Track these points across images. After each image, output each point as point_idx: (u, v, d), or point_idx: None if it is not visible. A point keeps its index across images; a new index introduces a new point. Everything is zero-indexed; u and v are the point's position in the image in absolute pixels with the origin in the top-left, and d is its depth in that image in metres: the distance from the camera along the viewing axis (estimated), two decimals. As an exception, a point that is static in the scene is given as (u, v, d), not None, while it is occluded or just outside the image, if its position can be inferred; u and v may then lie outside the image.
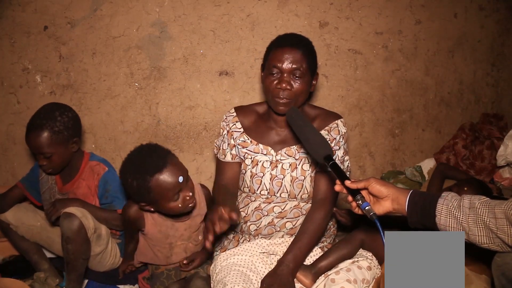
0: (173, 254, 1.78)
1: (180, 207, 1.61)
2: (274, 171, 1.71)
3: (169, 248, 1.77)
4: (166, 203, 1.59)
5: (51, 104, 1.90)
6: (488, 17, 2.84)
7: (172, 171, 1.55)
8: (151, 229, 1.73)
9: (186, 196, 1.60)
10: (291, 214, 1.70)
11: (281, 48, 1.63)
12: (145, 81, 2.41)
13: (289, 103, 1.63)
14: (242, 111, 1.81)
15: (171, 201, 1.58)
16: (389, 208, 1.27)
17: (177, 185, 1.56)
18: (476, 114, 2.92)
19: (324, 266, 1.58)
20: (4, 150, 2.40)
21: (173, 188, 1.56)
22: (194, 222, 1.76)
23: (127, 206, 1.72)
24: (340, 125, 1.73)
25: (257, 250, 1.67)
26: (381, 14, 2.60)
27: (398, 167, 2.80)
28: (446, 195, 1.24)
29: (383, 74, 2.68)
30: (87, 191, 1.89)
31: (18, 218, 1.91)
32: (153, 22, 2.35)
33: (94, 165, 1.91)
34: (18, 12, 2.26)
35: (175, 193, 1.58)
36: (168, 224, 1.73)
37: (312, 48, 1.70)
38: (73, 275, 1.75)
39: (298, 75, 1.61)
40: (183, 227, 1.74)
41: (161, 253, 1.78)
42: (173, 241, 1.76)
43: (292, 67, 1.60)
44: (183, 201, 1.60)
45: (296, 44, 1.64)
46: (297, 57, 1.61)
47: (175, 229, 1.74)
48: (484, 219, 1.15)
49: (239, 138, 1.76)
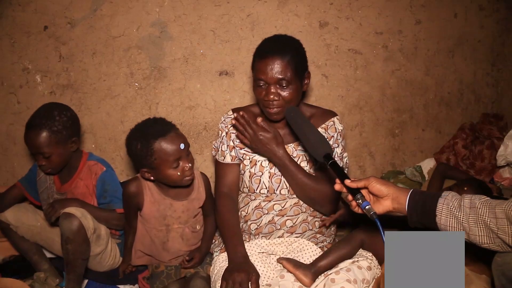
0: (170, 239, 1.79)
1: (178, 175, 1.67)
2: (272, 169, 1.72)
3: (165, 231, 1.79)
4: (166, 169, 1.66)
5: (50, 104, 1.89)
6: (488, 17, 2.84)
7: (175, 137, 1.67)
8: (149, 207, 1.76)
9: (186, 166, 1.68)
10: (291, 212, 1.70)
11: (264, 59, 1.60)
12: (145, 81, 2.41)
13: (281, 111, 1.64)
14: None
15: (171, 168, 1.66)
16: (389, 207, 1.26)
17: (178, 151, 1.65)
18: (476, 114, 2.92)
19: (323, 266, 1.57)
20: (4, 150, 2.40)
21: (174, 153, 1.64)
22: (192, 206, 1.80)
23: (127, 183, 1.79)
24: (337, 123, 1.75)
25: (256, 250, 1.67)
26: (381, 14, 2.60)
27: (398, 167, 2.80)
28: (447, 195, 1.23)
29: (383, 74, 2.68)
30: (85, 191, 1.89)
31: (18, 218, 1.90)
32: (153, 22, 2.35)
33: (92, 164, 1.91)
34: (18, 12, 2.26)
35: (176, 160, 1.65)
36: (166, 203, 1.76)
37: (298, 50, 1.67)
38: (72, 275, 1.75)
39: (285, 84, 1.60)
40: (180, 209, 1.78)
41: (158, 238, 1.79)
42: (170, 222, 1.78)
43: (277, 77, 1.58)
44: (182, 171, 1.67)
45: (278, 53, 1.59)
46: (281, 67, 1.58)
47: (173, 209, 1.77)
48: (485, 219, 1.15)
49: (237, 139, 1.77)
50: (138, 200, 1.77)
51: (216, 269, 1.65)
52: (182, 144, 1.66)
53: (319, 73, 2.57)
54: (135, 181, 1.78)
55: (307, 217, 1.72)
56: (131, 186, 1.77)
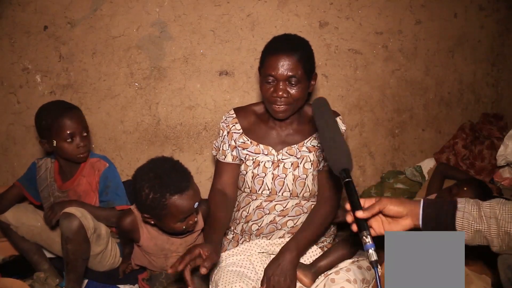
0: (169, 264, 1.76)
1: (183, 229, 1.60)
2: (276, 171, 1.71)
3: (164, 259, 1.77)
4: (172, 223, 1.57)
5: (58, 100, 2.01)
6: (488, 17, 2.84)
7: (192, 195, 1.54)
8: (146, 242, 1.72)
9: (191, 220, 1.60)
10: (292, 212, 1.70)
11: (275, 55, 1.59)
12: (145, 81, 2.41)
13: (287, 110, 1.63)
14: (241, 112, 1.81)
15: (178, 222, 1.57)
16: (410, 226, 1.18)
17: (191, 210, 1.56)
18: (476, 114, 2.92)
19: (323, 266, 1.58)
20: (4, 150, 2.40)
21: (186, 212, 1.55)
22: (191, 238, 1.75)
23: (123, 216, 1.70)
24: (340, 123, 1.74)
25: (256, 250, 1.67)
26: (381, 14, 2.60)
27: (398, 167, 2.80)
28: (463, 206, 1.15)
29: (383, 74, 2.68)
30: (88, 188, 1.89)
31: (18, 219, 1.90)
32: (153, 22, 2.35)
33: (95, 161, 1.92)
34: (18, 12, 2.26)
35: (185, 217, 1.57)
36: (163, 239, 1.72)
37: (308, 50, 1.67)
38: (72, 275, 1.75)
39: (294, 82, 1.59)
40: (178, 242, 1.74)
41: (156, 262, 1.79)
42: (168, 253, 1.76)
43: (288, 74, 1.57)
44: (187, 224, 1.60)
45: (290, 50, 1.59)
46: (292, 64, 1.57)
47: (170, 243, 1.73)
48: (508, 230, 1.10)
49: (239, 139, 1.76)
50: (133, 235, 1.72)
51: (216, 269, 1.65)
52: (196, 203, 1.56)
53: (319, 73, 2.55)
54: (129, 216, 1.68)
55: (308, 218, 1.72)
56: (125, 222, 1.68)
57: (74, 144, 1.84)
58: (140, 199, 1.55)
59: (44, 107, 1.88)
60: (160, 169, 1.54)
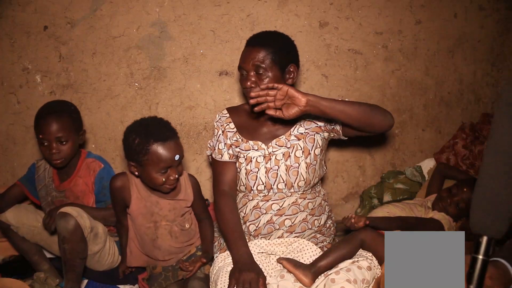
0: (159, 236, 1.78)
1: (161, 182, 1.66)
2: (268, 164, 1.72)
3: (154, 228, 1.78)
4: (152, 172, 1.65)
5: (57, 100, 2.03)
6: (488, 17, 2.84)
7: (174, 147, 1.65)
8: (136, 204, 1.75)
9: (172, 176, 1.66)
10: (289, 211, 1.70)
11: (245, 48, 1.68)
12: (145, 81, 2.41)
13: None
14: (234, 111, 1.84)
15: (158, 172, 1.64)
16: None
17: (171, 160, 1.64)
18: (476, 114, 2.92)
19: (323, 266, 1.57)
20: (4, 150, 2.40)
21: (166, 161, 1.63)
22: (179, 205, 1.80)
23: (114, 177, 1.79)
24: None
25: (256, 250, 1.67)
26: (381, 14, 2.60)
27: (398, 167, 2.80)
28: None
29: (383, 74, 2.68)
30: (85, 188, 1.90)
31: (18, 219, 1.91)
32: (153, 22, 2.35)
33: (90, 162, 1.94)
34: (18, 12, 2.26)
35: (165, 167, 1.64)
36: (152, 200, 1.76)
37: (284, 42, 1.70)
38: (71, 275, 1.75)
39: (262, 72, 1.62)
40: (167, 207, 1.78)
41: (147, 236, 1.78)
42: (157, 219, 1.77)
43: (254, 64, 1.62)
44: (167, 178, 1.66)
45: (259, 43, 1.65)
46: (258, 54, 1.62)
47: (159, 207, 1.77)
48: None
49: (232, 138, 1.78)
50: (124, 195, 1.76)
51: (216, 269, 1.65)
52: (178, 155, 1.65)
53: (319, 73, 2.57)
54: (122, 176, 1.79)
55: (306, 216, 1.72)
56: (117, 180, 1.77)
57: (47, 148, 1.82)
58: (127, 144, 1.68)
59: (42, 106, 1.89)
60: (149, 121, 1.71)
